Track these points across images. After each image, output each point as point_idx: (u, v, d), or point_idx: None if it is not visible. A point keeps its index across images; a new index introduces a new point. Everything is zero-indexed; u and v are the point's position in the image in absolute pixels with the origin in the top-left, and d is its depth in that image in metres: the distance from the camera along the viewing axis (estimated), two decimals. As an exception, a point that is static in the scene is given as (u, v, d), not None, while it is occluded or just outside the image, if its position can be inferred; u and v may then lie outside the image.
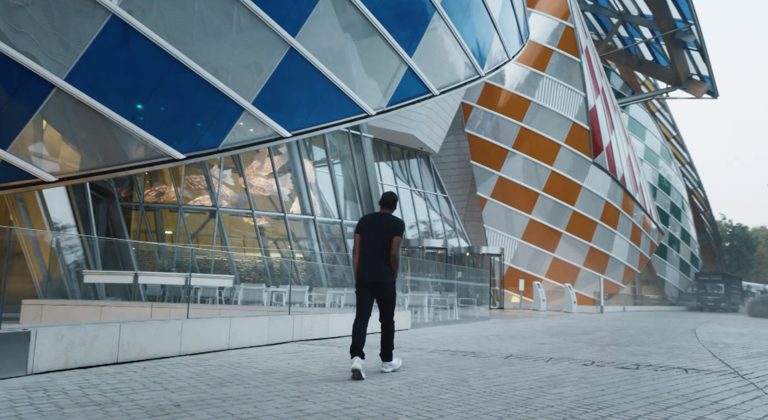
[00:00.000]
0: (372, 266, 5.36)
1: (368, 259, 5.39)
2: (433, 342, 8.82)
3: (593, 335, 11.76)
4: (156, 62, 9.95)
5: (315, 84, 11.46)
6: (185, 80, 10.15)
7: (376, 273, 5.36)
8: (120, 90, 9.82)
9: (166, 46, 9.78)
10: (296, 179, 18.70)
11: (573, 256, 32.29)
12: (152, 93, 10.09)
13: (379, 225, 5.44)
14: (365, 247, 5.42)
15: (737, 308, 52.04)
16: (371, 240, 5.41)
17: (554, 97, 31.13)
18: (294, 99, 11.38)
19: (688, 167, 59.22)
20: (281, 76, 10.96)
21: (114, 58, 9.72)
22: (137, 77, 9.96)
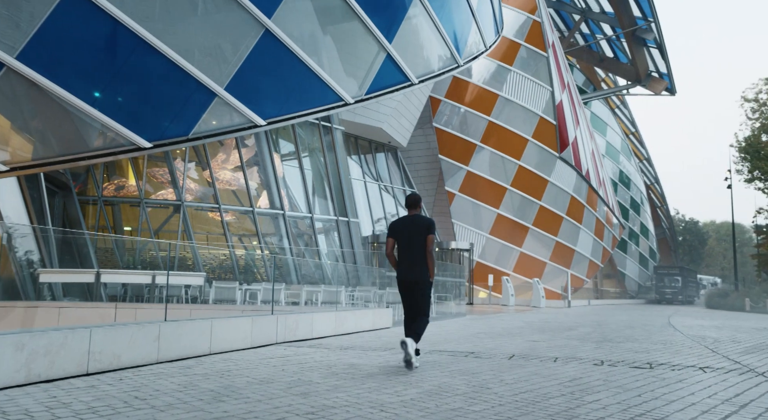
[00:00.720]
0: (411, 267, 5.64)
1: (406, 260, 5.66)
2: (424, 342, 8.33)
3: (578, 331, 11.49)
4: (119, 42, 9.14)
5: (291, 69, 10.81)
6: (152, 62, 9.37)
7: (416, 273, 5.62)
8: (79, 71, 8.98)
9: (130, 23, 8.98)
10: (264, 173, 17.95)
11: (539, 250, 32.37)
12: (115, 75, 9.27)
13: (412, 227, 5.69)
14: (402, 249, 5.69)
15: (693, 300, 53.43)
16: (407, 242, 5.67)
17: (522, 91, 31.07)
18: (269, 85, 10.70)
19: (646, 163, 60.46)
20: (256, 60, 10.26)
21: (72, 37, 8.87)
22: (99, 58, 9.12)
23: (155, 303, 10.90)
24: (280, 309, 8.88)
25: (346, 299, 13.38)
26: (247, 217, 17.58)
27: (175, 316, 6.74)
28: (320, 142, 19.16)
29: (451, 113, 30.87)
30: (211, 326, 5.97)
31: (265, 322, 6.97)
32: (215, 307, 10.57)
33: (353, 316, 9.58)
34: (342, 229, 19.39)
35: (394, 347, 7.28)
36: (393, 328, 11.09)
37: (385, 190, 28.98)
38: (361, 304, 13.42)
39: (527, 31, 31.24)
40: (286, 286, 12.85)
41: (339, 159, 19.34)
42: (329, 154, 19.26)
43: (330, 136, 19.33)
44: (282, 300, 11.17)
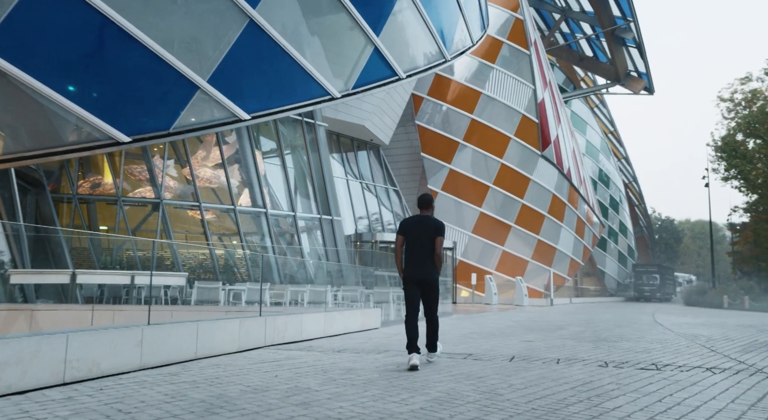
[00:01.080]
0: (418, 265, 5.75)
1: (414, 258, 5.78)
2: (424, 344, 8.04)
3: (570, 330, 11.30)
4: (96, 31, 8.70)
5: (277, 62, 10.45)
6: (131, 52, 8.94)
7: (423, 271, 5.74)
8: (53, 61, 8.52)
9: (108, 11, 8.55)
10: (246, 170, 17.51)
11: (522, 249, 32.32)
12: (93, 66, 8.83)
13: (422, 227, 5.82)
14: (411, 247, 5.81)
15: (670, 298, 54.04)
16: (416, 241, 5.79)
17: (504, 89, 30.97)
18: (254, 78, 10.33)
19: (624, 162, 61.00)
20: (240, 52, 9.89)
21: (46, 24, 8.41)
22: (74, 47, 8.68)
23: (134, 305, 10.46)
24: (268, 310, 8.53)
25: (330, 299, 13.05)
26: (228, 216, 17.14)
27: (155, 318, 6.36)
28: (303, 139, 18.78)
29: (434, 111, 30.67)
30: (198, 329, 5.61)
31: (254, 324, 6.62)
32: (197, 308, 10.15)
33: (342, 317, 9.26)
34: (325, 228, 19.04)
35: (388, 350, 6.98)
36: (382, 328, 10.79)
37: (368, 188, 28.66)
38: (347, 304, 13.11)
39: (510, 29, 31.16)
40: (270, 286, 12.47)
41: (322, 156, 18.98)
42: (312, 151, 18.89)
43: (313, 133, 18.96)
44: (267, 300, 10.80)
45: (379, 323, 10.94)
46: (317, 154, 18.93)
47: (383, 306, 13.40)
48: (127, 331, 4.87)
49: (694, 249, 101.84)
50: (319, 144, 18.94)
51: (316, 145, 18.90)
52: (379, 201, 28.92)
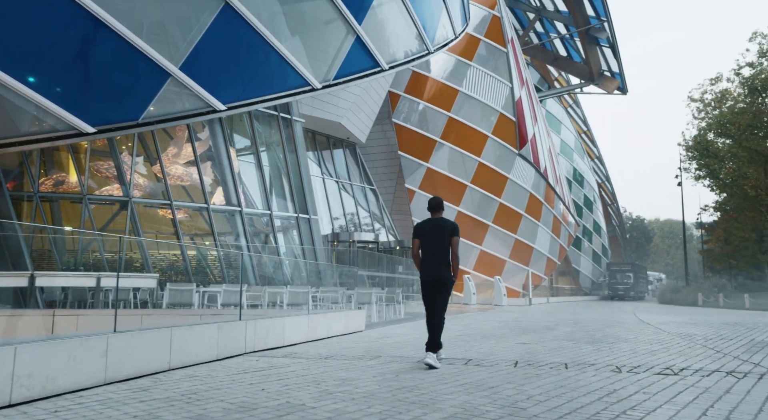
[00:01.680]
0: (436, 266, 5.89)
1: (431, 260, 5.92)
2: (406, 347, 7.51)
3: (560, 331, 10.91)
4: (59, 12, 7.98)
5: (254, 49, 9.82)
6: (97, 36, 8.24)
7: (440, 272, 5.89)
8: (10, 46, 7.78)
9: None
10: (220, 168, 16.78)
11: (499, 248, 32.08)
12: (55, 51, 8.10)
13: (437, 229, 5.95)
14: (427, 249, 5.94)
15: (643, 296, 54.59)
16: (432, 243, 5.93)
17: (481, 87, 30.68)
18: (229, 66, 9.69)
19: (597, 162, 61.48)
20: (214, 38, 9.24)
21: (3, 7, 7.67)
22: (35, 31, 7.94)
23: (101, 309, 9.71)
24: (248, 313, 7.91)
25: (321, 300, 12.46)
26: (200, 215, 16.39)
27: (124, 323, 5.72)
28: (279, 135, 18.11)
29: (411, 109, 30.22)
30: (171, 336, 4.99)
31: (233, 329, 6.02)
32: (170, 312, 9.47)
33: (325, 320, 8.69)
34: (302, 227, 18.40)
35: (380, 355, 6.44)
36: (366, 331, 10.24)
37: (344, 187, 28.08)
38: (327, 306, 12.54)
39: (487, 27, 30.88)
40: (247, 288, 11.82)
41: (299, 153, 18.34)
42: (288, 147, 18.24)
43: (289, 129, 18.30)
44: (244, 303, 10.16)
45: (363, 326, 10.39)
46: (294, 151, 18.29)
47: (365, 307, 12.86)
48: (89, 340, 4.24)
49: (663, 248, 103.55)
50: (296, 140, 18.30)
51: (293, 142, 18.26)
52: (356, 200, 28.36)
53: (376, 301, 13.08)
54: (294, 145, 18.26)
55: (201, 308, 10.10)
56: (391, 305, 14.18)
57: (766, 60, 35.99)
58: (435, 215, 6.12)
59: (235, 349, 6.03)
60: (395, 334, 9.69)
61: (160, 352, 4.87)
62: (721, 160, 38.04)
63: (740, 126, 35.40)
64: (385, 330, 10.60)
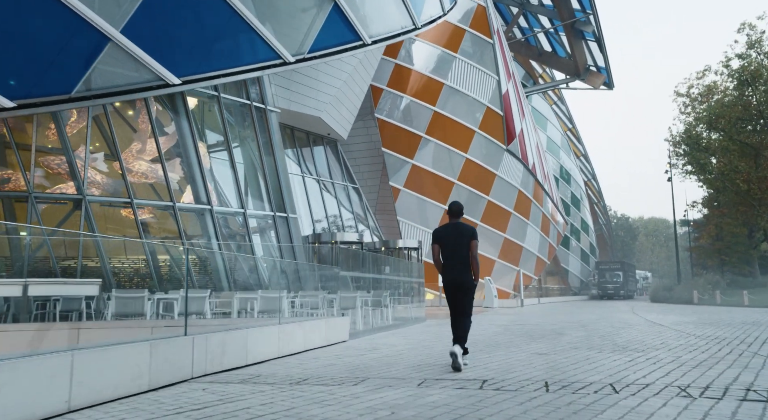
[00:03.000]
0: (458, 270, 5.94)
1: (453, 264, 5.97)
2: (399, 363, 6.12)
3: (572, 336, 9.59)
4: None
5: (215, 14, 8.37)
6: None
7: (462, 276, 5.94)
8: None
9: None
10: (187, 163, 15.24)
11: (488, 248, 30.81)
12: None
13: (457, 234, 6.01)
14: (449, 254, 5.99)
15: (633, 295, 53.71)
16: (453, 247, 5.99)
17: (467, 80, 29.45)
18: (185, 32, 8.23)
19: (583, 159, 60.61)
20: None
21: None
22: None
23: (25, 323, 8.15)
24: (205, 324, 6.46)
25: (287, 307, 11.00)
26: (166, 214, 14.85)
27: (48, 342, 4.25)
28: (253, 127, 16.61)
29: (394, 103, 28.88)
30: (72, 363, 3.54)
31: (173, 348, 4.57)
32: (115, 324, 7.95)
33: (301, 330, 7.26)
34: (280, 227, 16.93)
35: (367, 376, 5.03)
36: (350, 341, 8.82)
37: (325, 186, 26.63)
38: (306, 313, 11.11)
39: (472, 17, 29.68)
40: (215, 294, 10.35)
41: (274, 146, 16.87)
42: (263, 140, 16.75)
43: (264, 120, 16.81)
44: (207, 311, 8.70)
45: (348, 335, 8.97)
46: (269, 144, 16.81)
47: (349, 313, 11.45)
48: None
49: (647, 246, 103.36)
50: (271, 132, 16.82)
51: (268, 134, 16.77)
52: (338, 200, 26.91)
53: (362, 305, 11.67)
54: (269, 137, 16.79)
55: (157, 319, 8.61)
56: (378, 310, 12.79)
57: (754, 51, 35.22)
58: (454, 220, 6.20)
59: (178, 374, 4.59)
60: (385, 344, 8.29)
61: (53, 387, 3.43)
62: (712, 153, 37.21)
63: (730, 119, 34.57)
64: (373, 339, 9.20)
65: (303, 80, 22.07)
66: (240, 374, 5.18)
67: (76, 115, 13.93)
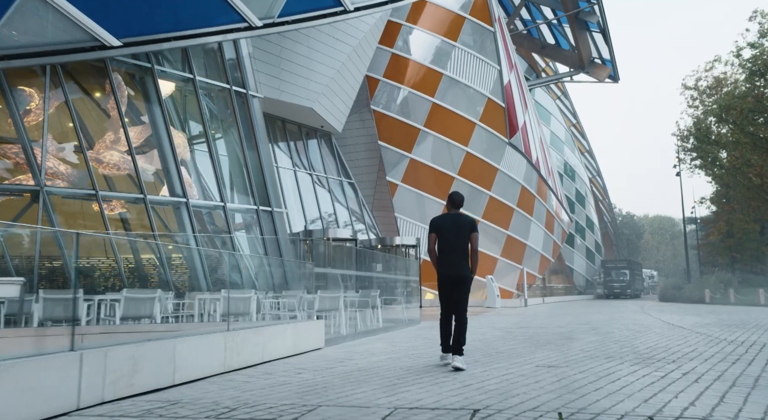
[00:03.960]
0: (456, 263, 5.70)
1: (451, 256, 5.72)
2: (370, 380, 4.85)
3: (584, 341, 8.31)
4: None
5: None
6: None
7: (459, 269, 5.70)
8: None
9: None
10: (161, 153, 13.99)
11: (489, 246, 29.51)
12: None
13: (457, 225, 5.76)
14: (447, 246, 5.75)
15: (640, 294, 52.32)
16: (452, 239, 5.73)
17: (468, 70, 28.15)
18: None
19: (588, 156, 59.22)
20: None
21: None
22: None
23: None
24: (111, 331, 5.20)
25: (270, 308, 9.76)
26: (138, 208, 13.60)
27: None
28: (233, 114, 15.35)
29: (391, 95, 27.59)
30: None
31: (46, 369, 3.33)
32: (42, 331, 6.68)
33: (257, 338, 5.99)
34: (265, 222, 15.68)
35: (319, 404, 3.76)
36: (327, 348, 7.57)
37: (319, 181, 25.39)
38: (281, 316, 9.87)
39: (472, 4, 28.38)
40: (176, 294, 9.10)
41: (257, 135, 15.61)
42: (245, 128, 15.49)
43: (246, 107, 15.55)
44: (157, 315, 7.43)
45: (323, 341, 7.71)
46: (252, 133, 15.55)
47: (332, 315, 10.20)
48: None
49: (653, 244, 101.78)
50: (254, 120, 15.56)
51: (250, 122, 15.52)
52: (333, 195, 25.66)
53: (347, 306, 10.41)
54: (251, 125, 15.53)
55: (96, 324, 7.37)
56: (367, 311, 11.54)
57: (767, 40, 33.82)
58: (454, 211, 5.95)
59: (51, 407, 3.34)
60: (364, 352, 7.03)
61: None
62: (723, 147, 35.82)
63: (741, 111, 33.18)
64: (354, 346, 7.94)
65: (293, 69, 20.85)
66: (153, 400, 3.93)
67: (38, 100, 12.71)
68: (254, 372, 5.31)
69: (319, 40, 21.55)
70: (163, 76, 13.85)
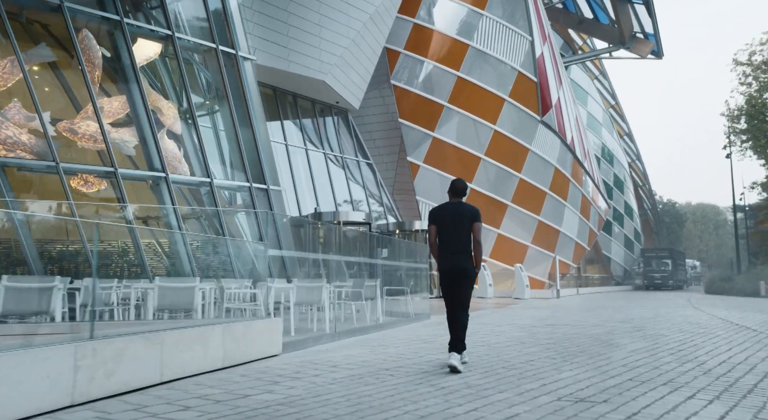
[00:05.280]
0: (456, 256, 5.34)
1: (452, 249, 5.36)
2: (309, 415, 2.96)
3: (627, 350, 6.27)
4: None
5: None
6: None
7: (461, 263, 5.32)
8: None
9: None
10: (137, 122, 12.29)
11: (519, 232, 27.30)
12: None
13: (458, 215, 5.41)
14: (448, 237, 5.41)
15: (683, 285, 49.27)
16: (452, 230, 5.39)
17: (496, 41, 25.85)
18: None
19: (627, 139, 55.95)
20: None
21: None
22: None
23: None
24: None
25: (229, 300, 7.96)
26: (107, 183, 11.97)
27: None
28: (221, 78, 13.54)
29: (413, 68, 25.47)
30: None
31: None
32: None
33: (153, 349, 4.16)
34: (259, 201, 13.92)
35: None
36: (284, 355, 5.73)
37: (334, 160, 23.57)
38: (254, 310, 8.06)
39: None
40: (115, 283, 7.36)
41: (249, 102, 13.79)
42: (236, 95, 13.69)
43: (236, 71, 13.73)
44: (56, 310, 5.63)
45: (279, 346, 5.85)
46: (242, 100, 13.74)
47: (313, 310, 8.37)
48: None
49: (695, 233, 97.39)
50: (245, 85, 13.73)
51: (241, 88, 13.70)
52: (348, 176, 23.82)
53: (333, 299, 8.57)
54: (243, 92, 13.72)
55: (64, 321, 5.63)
56: (363, 304, 9.68)
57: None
58: (455, 200, 5.50)
59: None
60: (324, 365, 5.15)
61: None
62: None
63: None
64: (323, 352, 6.08)
65: (303, 37, 19.00)
66: None
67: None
68: (108, 405, 3.46)
69: (331, 5, 19.64)
70: (137, 31, 12.14)
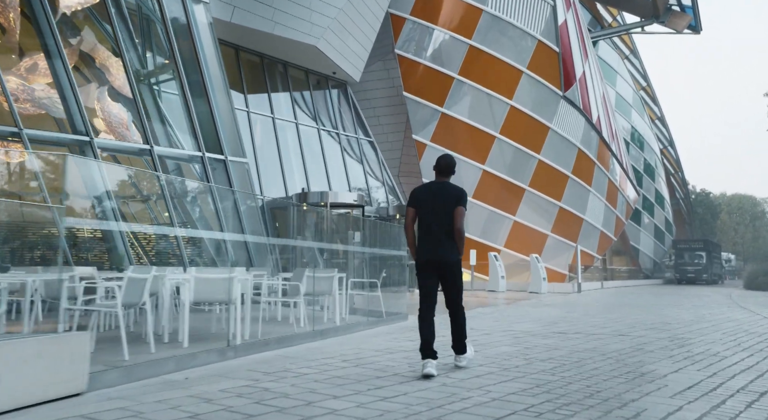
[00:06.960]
0: (436, 244, 4.66)
1: (431, 235, 4.69)
2: None
3: (669, 387, 3.82)
4: None
5: None
6: None
7: (442, 251, 4.65)
8: None
9: None
10: (55, 75, 10.08)
11: (537, 220, 24.72)
12: None
13: (439, 196, 4.72)
14: (426, 222, 4.75)
15: (718, 280, 45.96)
16: (432, 213, 4.70)
17: (513, 5, 23.21)
18: None
19: (659, 123, 52.46)
20: None
21: None
22: None
23: None
24: None
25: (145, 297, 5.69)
26: (13, 150, 9.81)
27: None
28: (164, 26, 11.22)
29: (420, 36, 22.98)
30: None
31: None
32: None
33: None
34: (216, 174, 11.66)
35: None
36: (88, 394, 3.45)
37: (329, 136, 21.26)
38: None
39: None
40: None
41: (201, 56, 11.48)
42: (185, 48, 11.40)
43: (186, 17, 11.41)
44: None
45: (84, 379, 3.55)
46: (194, 54, 11.44)
47: (227, 310, 6.05)
48: None
49: (730, 225, 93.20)
50: (195, 35, 11.42)
51: (191, 38, 11.39)
52: (345, 154, 21.51)
53: (265, 295, 6.24)
54: (193, 43, 11.41)
55: None
56: (325, 300, 7.38)
57: None
58: (441, 179, 4.79)
59: None
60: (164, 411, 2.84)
61: None
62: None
63: None
64: (174, 386, 3.78)
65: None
66: None
67: None
68: None
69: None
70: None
